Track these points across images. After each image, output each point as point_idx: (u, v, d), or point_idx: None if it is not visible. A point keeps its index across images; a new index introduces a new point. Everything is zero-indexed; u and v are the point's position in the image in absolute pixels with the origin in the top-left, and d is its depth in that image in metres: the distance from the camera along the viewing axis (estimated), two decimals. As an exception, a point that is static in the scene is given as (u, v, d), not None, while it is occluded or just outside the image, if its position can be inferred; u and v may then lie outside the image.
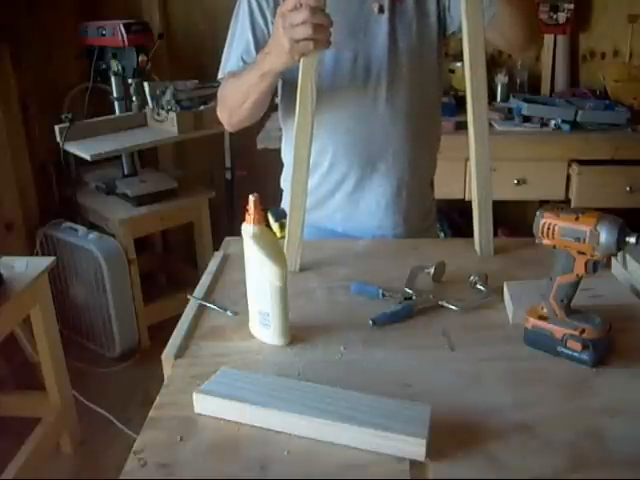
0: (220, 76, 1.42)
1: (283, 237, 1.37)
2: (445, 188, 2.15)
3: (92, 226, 2.67)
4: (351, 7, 1.31)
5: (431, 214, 1.57)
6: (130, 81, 2.69)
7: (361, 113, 1.35)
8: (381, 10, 1.31)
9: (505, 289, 1.09)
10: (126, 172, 2.78)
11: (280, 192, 1.55)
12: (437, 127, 1.49)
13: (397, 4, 1.32)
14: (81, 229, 2.61)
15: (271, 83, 1.26)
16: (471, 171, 1.24)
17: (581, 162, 2.38)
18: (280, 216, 1.41)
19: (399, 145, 1.38)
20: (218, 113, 1.43)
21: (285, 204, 1.49)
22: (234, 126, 1.45)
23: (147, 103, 2.70)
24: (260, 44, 1.32)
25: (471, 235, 1.31)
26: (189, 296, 1.14)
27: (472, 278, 1.14)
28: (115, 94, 2.74)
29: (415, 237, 1.44)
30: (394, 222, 1.44)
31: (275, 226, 1.39)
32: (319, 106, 1.20)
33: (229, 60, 1.38)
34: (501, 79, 2.78)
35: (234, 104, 1.35)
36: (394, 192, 1.42)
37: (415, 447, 0.74)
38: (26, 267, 1.94)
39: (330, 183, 1.42)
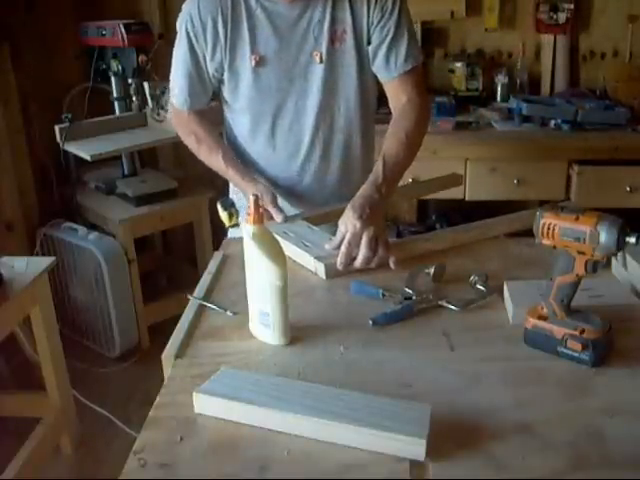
0: (172, 101, 1.57)
1: (232, 226, 1.47)
2: (445, 188, 2.15)
3: (92, 226, 2.66)
4: (292, 55, 1.40)
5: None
6: (130, 81, 2.68)
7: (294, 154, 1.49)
8: (321, 60, 1.39)
9: (505, 289, 1.09)
10: (126, 172, 2.78)
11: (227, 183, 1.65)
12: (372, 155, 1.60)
13: (337, 45, 1.39)
14: (81, 229, 2.60)
15: None
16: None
17: (581, 162, 2.38)
18: (228, 205, 1.49)
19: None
20: (176, 129, 1.62)
21: (232, 194, 1.63)
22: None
23: (147, 103, 2.70)
24: (202, 76, 1.50)
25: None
26: (189, 296, 1.14)
27: (472, 278, 1.14)
28: (115, 94, 2.74)
29: None
30: None
31: (224, 215, 1.46)
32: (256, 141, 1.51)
33: (175, 88, 1.55)
34: (501, 79, 2.78)
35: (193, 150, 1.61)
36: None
37: (415, 447, 0.74)
38: (26, 267, 1.94)
39: None
